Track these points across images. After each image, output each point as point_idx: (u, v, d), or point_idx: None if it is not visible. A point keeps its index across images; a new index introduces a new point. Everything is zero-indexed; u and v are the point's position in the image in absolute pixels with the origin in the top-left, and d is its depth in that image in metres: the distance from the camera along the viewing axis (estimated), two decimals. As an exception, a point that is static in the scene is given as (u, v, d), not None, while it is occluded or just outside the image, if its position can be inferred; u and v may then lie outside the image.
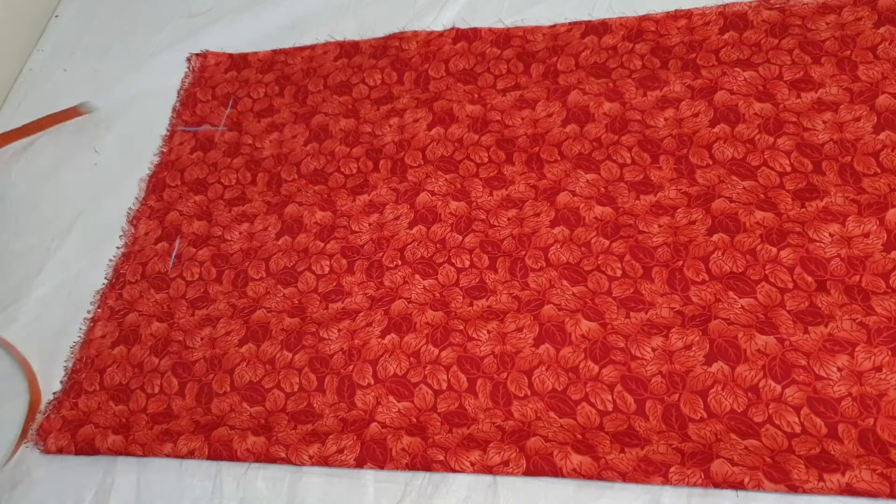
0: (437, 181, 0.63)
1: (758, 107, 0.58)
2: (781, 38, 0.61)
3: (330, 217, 0.64)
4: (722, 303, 0.51)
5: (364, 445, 0.51)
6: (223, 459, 0.53)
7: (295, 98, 0.73)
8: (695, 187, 0.56)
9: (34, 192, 0.76)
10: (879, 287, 0.49)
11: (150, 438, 0.56)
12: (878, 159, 0.53)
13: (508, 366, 0.52)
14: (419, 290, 0.58)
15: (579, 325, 0.53)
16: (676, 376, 0.49)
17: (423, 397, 0.53)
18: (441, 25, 0.72)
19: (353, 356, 0.56)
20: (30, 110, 0.83)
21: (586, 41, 0.66)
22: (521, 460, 0.48)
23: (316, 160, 0.68)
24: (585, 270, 0.55)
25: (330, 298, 0.60)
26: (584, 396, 0.50)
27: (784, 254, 0.51)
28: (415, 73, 0.70)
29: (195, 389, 0.58)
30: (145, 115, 0.77)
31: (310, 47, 0.76)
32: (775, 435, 0.46)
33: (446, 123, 0.65)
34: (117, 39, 0.86)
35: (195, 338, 0.61)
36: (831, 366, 0.47)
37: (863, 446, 0.44)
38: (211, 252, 0.65)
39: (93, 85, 0.83)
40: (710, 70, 0.60)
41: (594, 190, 0.58)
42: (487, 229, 0.59)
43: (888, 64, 0.56)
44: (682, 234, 0.54)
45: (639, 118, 0.60)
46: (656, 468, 0.45)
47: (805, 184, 0.54)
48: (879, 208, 0.51)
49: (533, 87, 0.65)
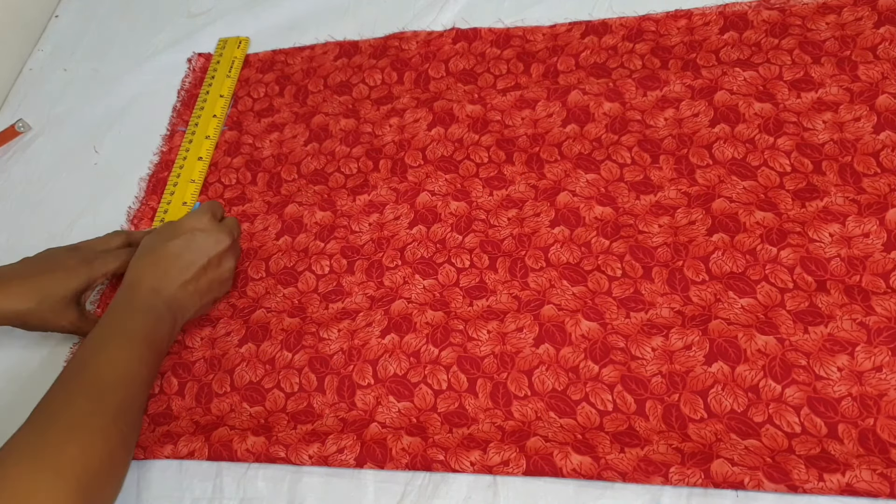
0: (437, 181, 0.63)
1: (758, 107, 0.58)
2: (781, 38, 0.61)
3: (330, 217, 0.64)
4: (722, 303, 0.51)
5: (364, 445, 0.51)
6: (223, 460, 0.53)
7: (295, 98, 0.73)
8: (695, 187, 0.56)
9: (34, 192, 0.76)
10: (879, 287, 0.49)
11: (152, 441, 0.56)
12: (878, 159, 0.53)
13: (508, 366, 0.52)
14: (419, 290, 0.58)
15: (579, 325, 0.53)
16: (676, 376, 0.49)
17: (423, 397, 0.53)
18: (441, 25, 0.72)
19: (353, 356, 0.56)
20: (30, 110, 0.83)
21: (586, 41, 0.66)
22: (521, 460, 0.48)
23: (316, 160, 0.68)
24: (585, 270, 0.55)
25: (330, 298, 0.60)
26: (584, 396, 0.50)
27: (784, 254, 0.51)
28: (415, 73, 0.70)
29: (195, 389, 0.58)
30: (145, 115, 0.78)
31: (310, 47, 0.76)
32: (775, 435, 0.46)
33: (446, 123, 0.65)
34: (117, 39, 0.86)
35: (196, 338, 0.61)
36: (831, 366, 0.47)
37: (863, 446, 0.44)
38: (211, 252, 0.65)
39: (93, 85, 0.83)
40: (710, 70, 0.60)
41: (594, 190, 0.58)
42: (487, 229, 0.59)
43: (888, 64, 0.56)
44: (682, 234, 0.54)
45: (639, 118, 0.60)
46: (656, 468, 0.45)
47: (805, 184, 0.54)
48: (879, 208, 0.51)
49: (533, 87, 0.65)
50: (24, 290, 0.56)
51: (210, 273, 0.58)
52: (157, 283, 0.55)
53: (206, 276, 0.57)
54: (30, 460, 0.43)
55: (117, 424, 0.48)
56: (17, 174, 0.78)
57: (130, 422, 0.50)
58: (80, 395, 0.48)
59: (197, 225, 0.58)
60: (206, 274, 0.57)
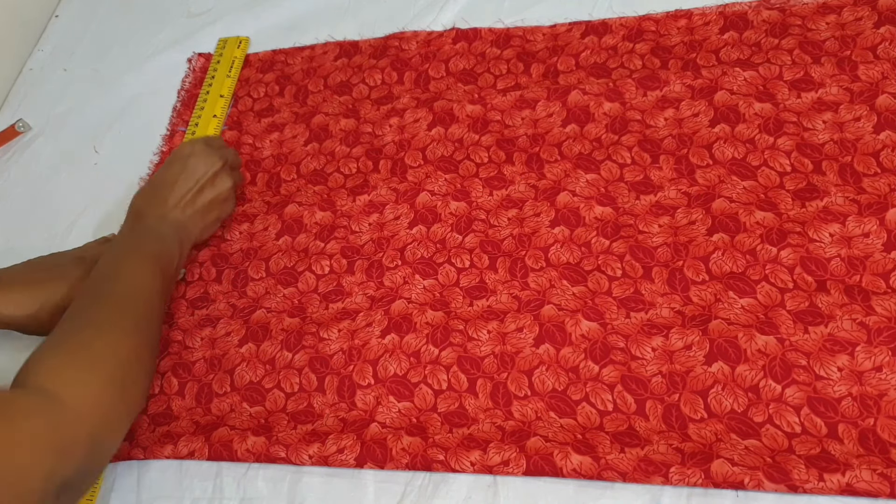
0: (437, 181, 0.63)
1: (758, 107, 0.58)
2: (781, 38, 0.61)
3: (330, 217, 0.64)
4: (722, 303, 0.51)
5: (364, 445, 0.51)
6: (223, 460, 0.53)
7: (295, 98, 0.73)
8: (695, 187, 0.56)
9: (34, 192, 0.76)
10: (879, 287, 0.49)
11: (152, 441, 0.56)
12: (878, 159, 0.53)
13: (508, 366, 0.52)
14: (419, 290, 0.58)
15: (579, 325, 0.53)
16: (676, 376, 0.49)
17: (424, 397, 0.53)
18: (441, 25, 0.72)
19: (354, 356, 0.56)
20: (30, 110, 0.83)
21: (586, 41, 0.66)
22: (522, 460, 0.48)
23: (316, 160, 0.68)
24: (585, 270, 0.55)
25: (330, 298, 0.60)
26: (584, 396, 0.50)
27: (784, 254, 0.51)
28: (415, 73, 0.70)
29: (195, 389, 0.58)
30: (145, 115, 0.78)
31: (310, 47, 0.76)
32: (775, 435, 0.46)
33: (446, 123, 0.65)
34: (117, 39, 0.86)
35: (195, 338, 0.61)
36: (831, 366, 0.47)
37: (863, 446, 0.44)
38: (211, 252, 0.65)
39: (93, 85, 0.83)
40: (710, 70, 0.60)
41: (594, 190, 0.58)
42: (487, 229, 0.59)
43: (888, 64, 0.56)
44: (682, 234, 0.54)
45: (639, 118, 0.60)
46: (656, 468, 0.45)
47: (805, 184, 0.54)
48: (879, 208, 0.51)
49: (533, 87, 0.65)
50: (24, 298, 0.58)
51: (207, 194, 0.62)
52: (158, 210, 0.60)
53: (202, 196, 0.62)
54: (67, 355, 0.48)
55: (139, 329, 0.52)
56: (17, 174, 0.78)
57: (152, 330, 0.54)
58: (103, 304, 0.52)
59: (190, 151, 0.62)
60: (202, 194, 0.62)
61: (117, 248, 0.58)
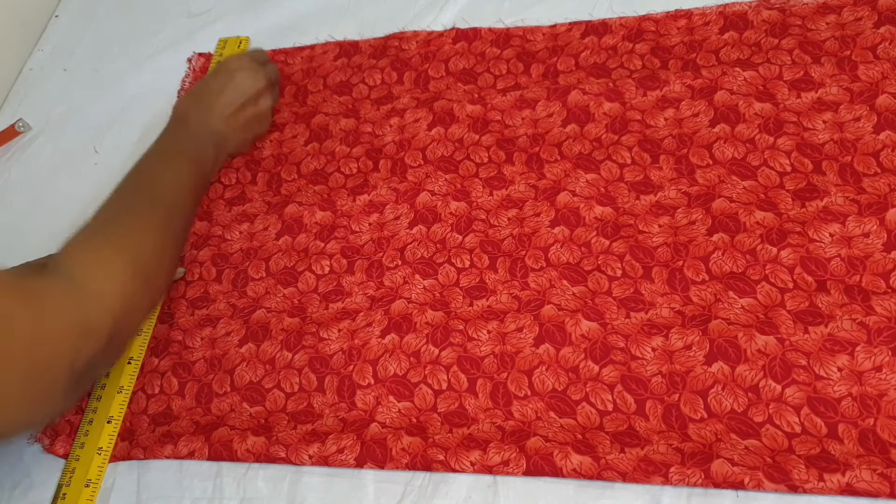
0: (437, 181, 0.63)
1: (758, 107, 0.58)
2: (781, 38, 0.61)
3: (330, 217, 0.64)
4: (722, 303, 0.51)
5: (364, 445, 0.51)
6: (223, 460, 0.53)
7: (295, 98, 0.73)
8: (695, 187, 0.56)
9: (34, 192, 0.76)
10: (879, 287, 0.49)
11: (152, 441, 0.56)
12: (878, 159, 0.53)
13: (508, 366, 0.52)
14: (419, 290, 0.58)
15: (579, 325, 0.53)
16: (676, 376, 0.49)
17: (424, 397, 0.53)
18: (441, 25, 0.72)
19: (353, 356, 0.56)
20: (30, 110, 0.83)
21: (586, 41, 0.66)
22: (521, 460, 0.48)
23: (316, 160, 0.68)
24: (585, 270, 0.55)
25: (330, 298, 0.60)
26: (584, 396, 0.50)
27: (784, 254, 0.51)
28: (415, 73, 0.70)
29: (195, 389, 0.58)
30: (145, 115, 0.77)
31: (310, 47, 0.76)
32: (775, 435, 0.46)
33: (446, 123, 0.65)
34: (117, 39, 0.86)
35: (195, 338, 0.61)
36: (831, 366, 0.47)
37: (863, 446, 0.44)
38: (211, 252, 0.65)
39: (93, 85, 0.83)
40: (710, 70, 0.60)
41: (594, 190, 0.58)
42: (487, 229, 0.59)
43: (888, 64, 0.56)
44: (682, 234, 0.54)
45: (639, 118, 0.60)
46: (656, 468, 0.45)
47: (805, 184, 0.54)
48: (879, 208, 0.51)
49: (533, 87, 0.65)
50: None
51: (249, 109, 0.66)
52: (202, 117, 0.64)
53: (244, 112, 0.66)
54: (97, 246, 0.52)
55: (169, 226, 0.56)
56: (17, 174, 0.78)
57: (180, 225, 0.59)
58: (139, 199, 0.56)
59: (238, 65, 0.66)
60: (245, 110, 0.66)
61: (159, 147, 0.62)
